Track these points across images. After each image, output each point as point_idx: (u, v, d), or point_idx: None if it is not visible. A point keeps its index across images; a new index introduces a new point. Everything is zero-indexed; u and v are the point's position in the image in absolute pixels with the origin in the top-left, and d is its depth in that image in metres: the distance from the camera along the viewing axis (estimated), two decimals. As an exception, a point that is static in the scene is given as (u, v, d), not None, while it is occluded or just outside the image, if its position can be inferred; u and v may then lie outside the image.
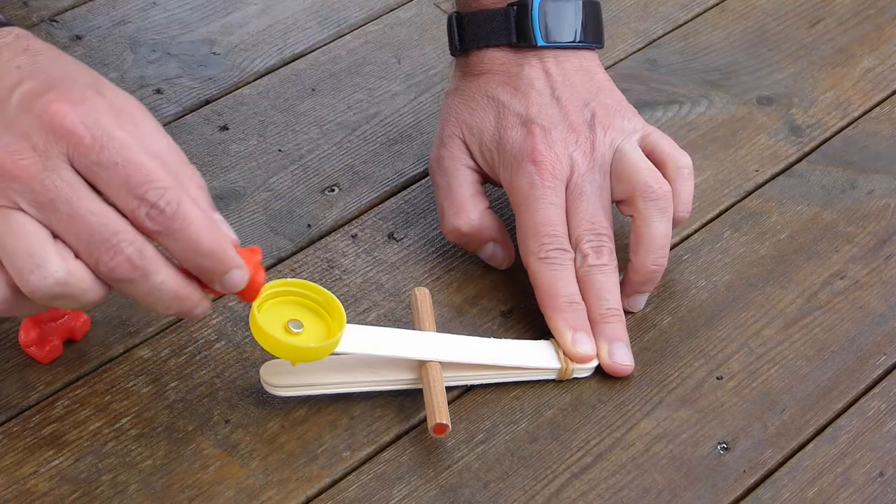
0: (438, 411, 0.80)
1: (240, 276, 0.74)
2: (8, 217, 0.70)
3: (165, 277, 0.72)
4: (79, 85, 0.71)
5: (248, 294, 0.76)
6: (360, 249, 0.93)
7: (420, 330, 0.85)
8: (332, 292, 0.89)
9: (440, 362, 0.83)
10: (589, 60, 0.93)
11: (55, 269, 0.70)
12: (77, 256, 0.71)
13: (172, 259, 0.73)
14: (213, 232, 0.72)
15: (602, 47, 0.95)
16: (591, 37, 0.94)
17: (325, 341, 0.78)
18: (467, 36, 0.94)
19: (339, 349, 0.79)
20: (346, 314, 0.79)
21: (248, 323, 0.87)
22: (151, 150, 0.71)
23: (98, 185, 0.70)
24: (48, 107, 0.70)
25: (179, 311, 0.74)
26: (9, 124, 0.70)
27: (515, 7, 0.92)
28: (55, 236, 0.70)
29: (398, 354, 0.83)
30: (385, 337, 0.83)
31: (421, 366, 0.83)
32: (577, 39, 0.93)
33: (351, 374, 0.83)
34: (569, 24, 0.93)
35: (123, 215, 0.71)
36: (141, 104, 0.74)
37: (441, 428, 0.79)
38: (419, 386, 0.83)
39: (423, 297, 0.86)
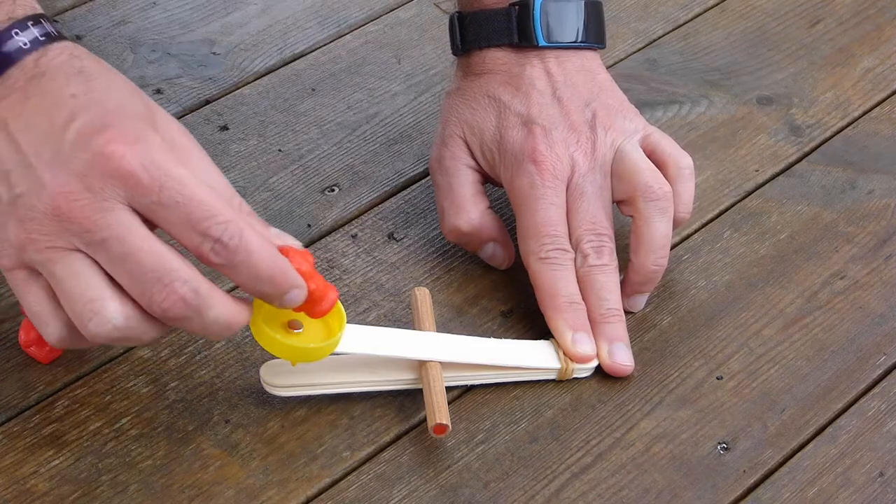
0: (438, 411, 0.80)
1: (297, 294, 0.74)
2: (67, 259, 0.70)
3: (219, 311, 0.72)
4: (133, 118, 0.71)
5: (311, 307, 0.76)
6: (360, 249, 0.93)
7: (420, 330, 0.85)
8: (333, 292, 0.89)
9: (440, 362, 0.83)
10: (591, 60, 0.93)
11: (113, 315, 0.71)
12: (131, 297, 0.71)
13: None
14: (273, 259, 0.72)
15: (604, 47, 0.95)
16: (593, 37, 0.94)
17: (325, 342, 0.78)
18: (468, 36, 0.94)
19: (339, 349, 0.79)
20: (346, 314, 0.79)
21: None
22: (206, 183, 0.72)
23: (158, 223, 0.71)
24: (104, 148, 0.69)
25: (227, 336, 0.74)
26: (64, 162, 0.70)
27: (517, 7, 0.92)
28: (111, 278, 0.71)
29: (398, 354, 0.83)
30: (385, 337, 0.83)
31: (421, 366, 0.83)
32: (579, 39, 0.93)
33: (351, 374, 0.83)
34: (570, 24, 0.93)
35: (185, 251, 0.71)
36: (188, 132, 0.74)
37: (441, 428, 0.79)
38: (419, 386, 0.83)
39: (423, 297, 0.86)
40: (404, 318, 0.88)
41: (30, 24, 0.74)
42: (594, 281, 0.87)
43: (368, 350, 0.81)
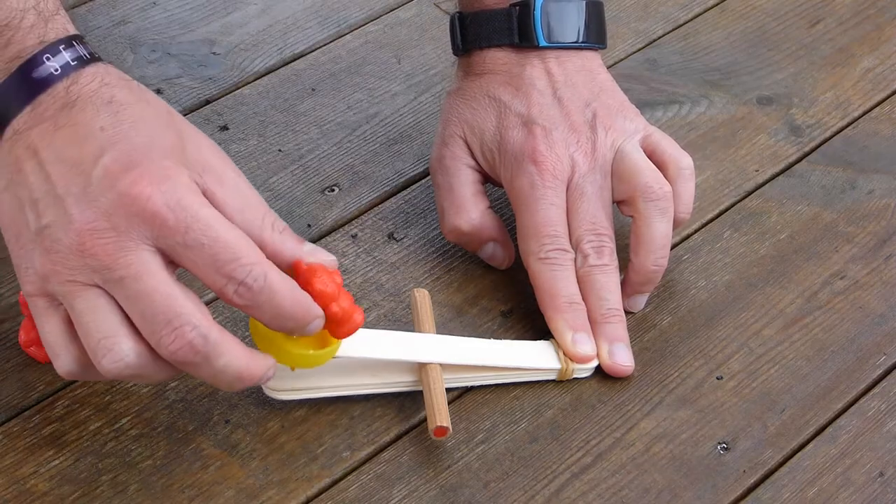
0: (439, 414, 0.80)
1: (317, 324, 0.75)
2: (87, 294, 0.71)
3: (229, 361, 0.72)
4: (161, 155, 0.71)
5: (334, 329, 0.76)
6: (360, 249, 0.93)
7: (420, 331, 0.85)
8: (332, 292, 0.89)
9: (440, 364, 0.83)
10: (591, 61, 0.93)
11: (127, 353, 0.71)
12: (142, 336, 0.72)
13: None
14: (295, 298, 0.73)
15: (605, 48, 0.95)
16: (594, 37, 0.94)
17: (325, 348, 0.78)
18: (469, 36, 0.94)
19: (338, 353, 0.79)
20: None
21: (247, 325, 0.87)
22: (236, 208, 0.72)
23: (183, 264, 0.71)
24: (131, 188, 0.70)
25: (241, 388, 0.75)
26: (92, 199, 0.70)
27: (518, 7, 0.92)
28: (128, 316, 0.72)
29: (398, 357, 0.82)
30: (384, 340, 0.83)
31: (421, 368, 0.83)
32: (580, 40, 0.93)
33: (351, 377, 0.82)
34: (571, 24, 0.92)
35: (210, 291, 0.72)
36: (222, 151, 0.75)
37: (442, 430, 0.79)
38: (419, 388, 0.82)
39: (422, 299, 0.86)
40: (404, 318, 0.88)
41: (61, 47, 0.74)
42: (594, 281, 0.87)
43: (368, 354, 0.81)
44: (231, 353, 0.72)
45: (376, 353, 0.82)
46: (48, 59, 0.73)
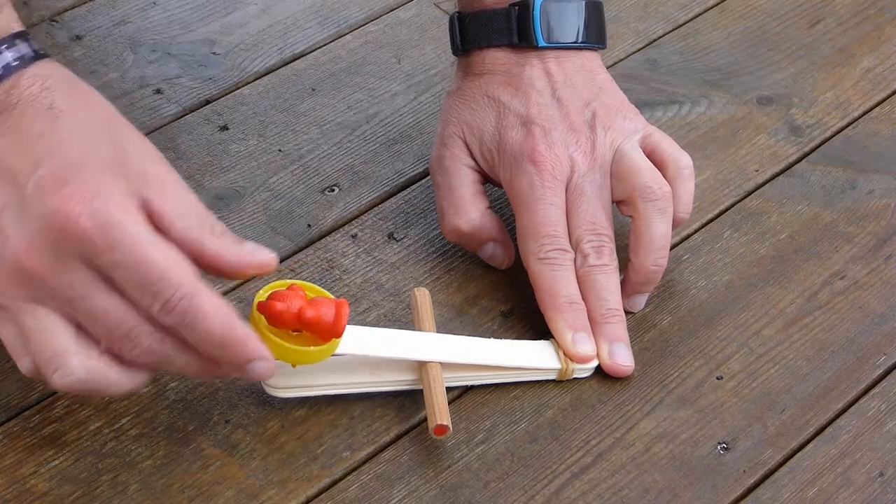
0: (439, 412, 0.80)
1: (263, 368, 0.74)
2: (33, 311, 0.72)
3: (189, 358, 0.73)
4: (96, 168, 0.71)
5: (318, 334, 0.77)
6: (360, 249, 0.93)
7: (420, 330, 0.85)
8: (333, 292, 0.89)
9: (440, 363, 0.83)
10: (591, 61, 0.93)
11: (75, 369, 0.72)
12: (99, 348, 0.73)
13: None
14: (227, 325, 0.72)
15: (604, 48, 0.95)
16: (594, 37, 0.94)
17: (325, 345, 0.78)
18: (469, 36, 0.94)
19: (339, 350, 0.79)
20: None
21: (248, 324, 0.87)
22: (176, 215, 0.72)
23: (114, 282, 0.71)
24: (62, 206, 0.70)
25: (226, 377, 0.76)
26: (26, 216, 0.70)
27: (517, 7, 0.92)
28: (80, 326, 0.72)
29: (398, 355, 0.83)
30: (385, 338, 0.83)
31: (421, 367, 0.83)
32: (580, 40, 0.93)
33: (351, 375, 0.82)
34: (571, 24, 0.92)
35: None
36: (161, 156, 0.74)
37: (442, 429, 0.79)
38: (419, 387, 0.82)
39: (422, 298, 0.86)
40: (404, 318, 0.88)
41: (3, 47, 0.74)
42: (594, 281, 0.87)
43: (368, 351, 0.81)
44: (189, 353, 0.73)
45: (377, 352, 0.82)
46: None
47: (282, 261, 0.92)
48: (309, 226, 0.95)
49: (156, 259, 0.70)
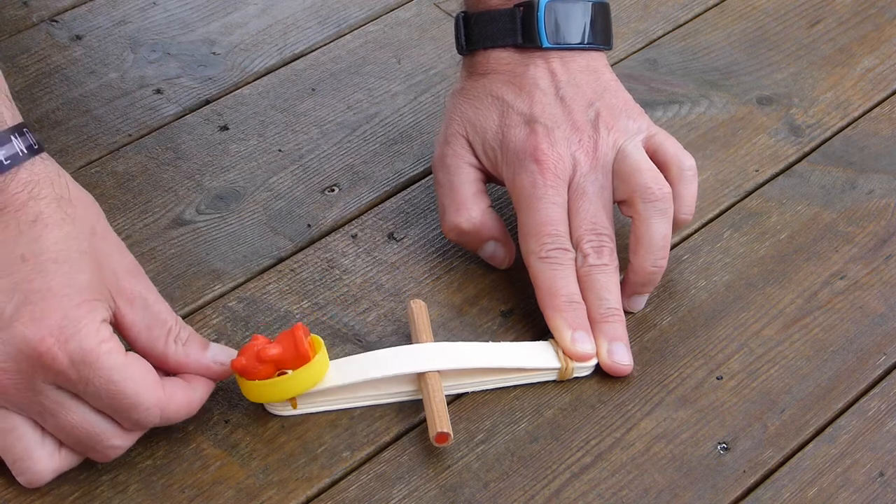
0: (440, 420, 0.80)
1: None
2: (3, 415, 0.74)
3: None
4: (77, 297, 0.73)
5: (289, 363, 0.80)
6: (360, 249, 0.93)
7: (418, 342, 0.85)
8: (333, 292, 0.90)
9: (439, 371, 0.83)
10: (596, 60, 0.93)
11: (40, 475, 0.76)
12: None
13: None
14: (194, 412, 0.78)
15: (610, 48, 0.94)
16: (599, 38, 0.93)
17: (306, 367, 0.79)
18: (473, 36, 0.94)
19: (340, 381, 0.80)
20: (347, 314, 0.79)
21: (246, 323, 0.87)
22: (143, 326, 0.76)
23: (84, 397, 0.74)
24: (38, 344, 0.72)
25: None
26: (2, 335, 0.72)
27: (522, 8, 0.92)
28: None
29: (399, 372, 0.82)
30: (382, 358, 0.83)
31: (420, 377, 0.83)
32: (585, 41, 0.92)
33: (352, 391, 0.82)
34: (576, 25, 0.92)
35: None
36: (136, 264, 0.77)
37: (443, 437, 0.79)
38: (420, 397, 0.82)
39: (419, 310, 0.86)
40: (404, 318, 0.88)
41: None
42: (594, 280, 0.87)
43: (369, 376, 0.81)
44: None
45: (377, 373, 0.82)
46: None
47: (282, 261, 0.92)
48: (309, 226, 0.95)
49: (127, 391, 0.74)
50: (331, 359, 0.82)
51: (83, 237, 0.75)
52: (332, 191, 0.97)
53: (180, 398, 0.77)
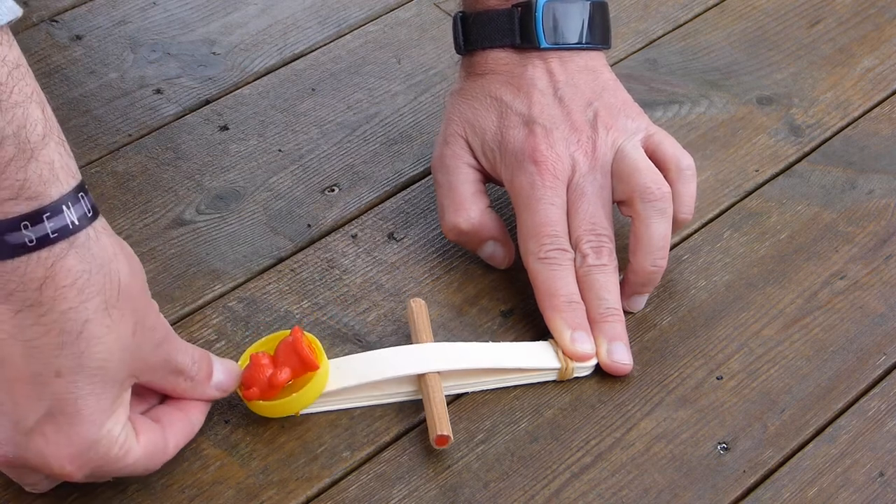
0: (440, 422, 0.80)
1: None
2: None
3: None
4: (100, 422, 0.71)
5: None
6: (360, 249, 0.93)
7: (418, 342, 0.85)
8: (333, 292, 0.90)
9: (439, 372, 0.83)
10: (595, 60, 0.93)
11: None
12: None
13: None
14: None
15: (609, 48, 0.94)
16: (598, 38, 0.93)
17: (308, 384, 0.80)
18: (472, 36, 0.94)
19: (340, 384, 0.80)
20: (347, 314, 0.79)
21: (246, 323, 0.87)
22: (158, 387, 0.76)
23: None
24: (54, 465, 0.71)
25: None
26: (22, 440, 0.71)
27: (520, 8, 0.92)
28: None
29: (399, 373, 0.82)
30: (382, 359, 0.83)
31: (419, 378, 0.83)
32: (583, 41, 0.92)
33: (352, 391, 0.82)
34: (574, 25, 0.92)
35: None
36: (162, 320, 0.74)
37: (443, 439, 0.79)
38: (420, 397, 0.82)
39: (418, 310, 0.86)
40: (404, 318, 0.88)
41: (45, 216, 0.64)
42: (593, 281, 0.87)
43: (369, 377, 0.81)
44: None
45: (377, 375, 0.82)
46: (26, 227, 0.64)
47: (282, 261, 0.92)
48: (309, 226, 0.95)
49: (137, 472, 0.74)
50: (330, 359, 0.82)
51: (123, 344, 0.70)
52: (332, 191, 0.97)
53: (181, 440, 0.77)
